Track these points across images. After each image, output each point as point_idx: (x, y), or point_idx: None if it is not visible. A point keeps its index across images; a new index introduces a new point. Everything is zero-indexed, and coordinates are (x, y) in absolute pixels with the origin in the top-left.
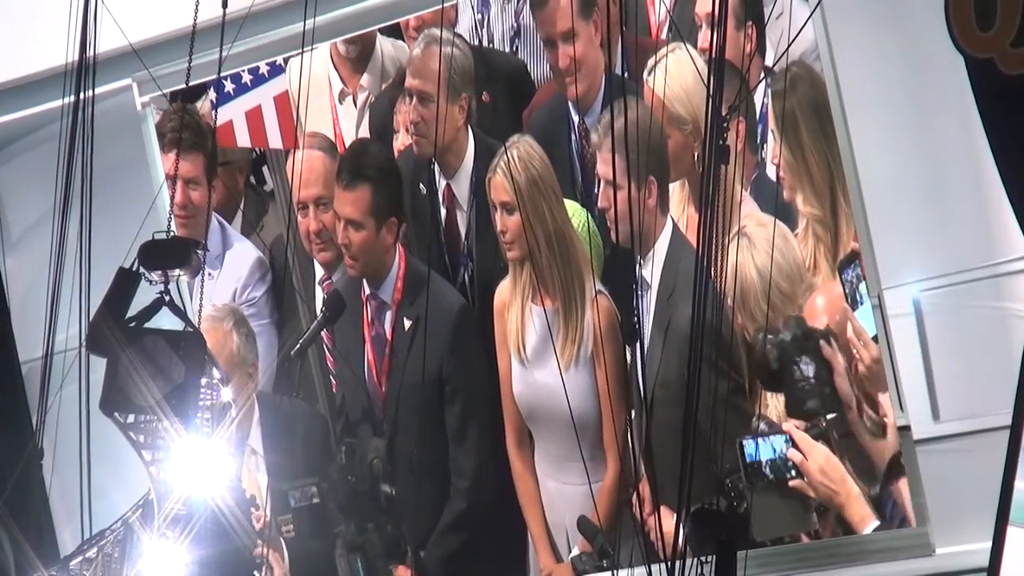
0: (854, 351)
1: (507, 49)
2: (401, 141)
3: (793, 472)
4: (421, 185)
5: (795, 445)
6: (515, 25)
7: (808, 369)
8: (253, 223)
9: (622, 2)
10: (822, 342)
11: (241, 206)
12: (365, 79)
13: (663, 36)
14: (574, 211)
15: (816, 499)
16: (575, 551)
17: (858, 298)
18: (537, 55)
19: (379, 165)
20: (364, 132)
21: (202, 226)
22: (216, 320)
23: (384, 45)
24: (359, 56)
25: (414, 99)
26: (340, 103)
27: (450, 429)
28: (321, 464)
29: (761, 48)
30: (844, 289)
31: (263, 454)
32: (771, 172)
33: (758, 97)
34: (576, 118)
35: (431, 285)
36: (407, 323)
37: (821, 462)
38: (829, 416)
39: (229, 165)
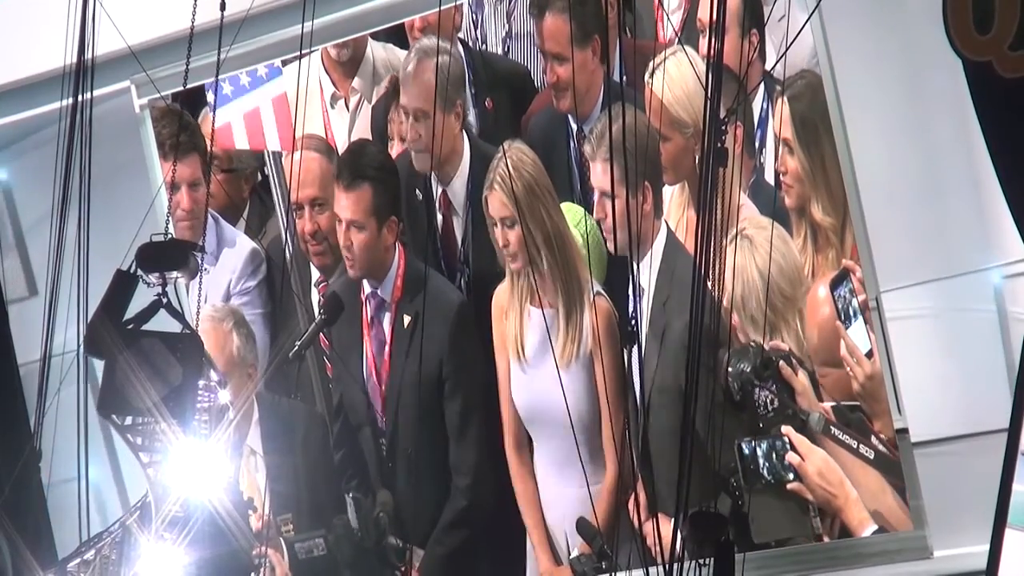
0: (848, 369)
1: (500, 51)
2: (396, 150)
3: (791, 475)
4: (417, 191)
5: (793, 448)
6: (507, 27)
7: (769, 395)
8: (256, 230)
9: (620, 7)
10: (782, 363)
11: (244, 214)
12: (357, 82)
13: (667, 40)
14: (575, 216)
15: (814, 502)
16: (574, 553)
17: (851, 314)
18: (529, 58)
19: (379, 164)
20: (356, 135)
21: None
22: (216, 320)
23: (375, 48)
24: (350, 60)
25: (410, 117)
26: (332, 107)
27: (450, 426)
28: (318, 466)
29: (763, 54)
30: (836, 305)
31: (262, 455)
32: (769, 176)
33: (757, 102)
34: (574, 126)
35: (430, 283)
36: (406, 320)
37: (819, 465)
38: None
39: (235, 172)
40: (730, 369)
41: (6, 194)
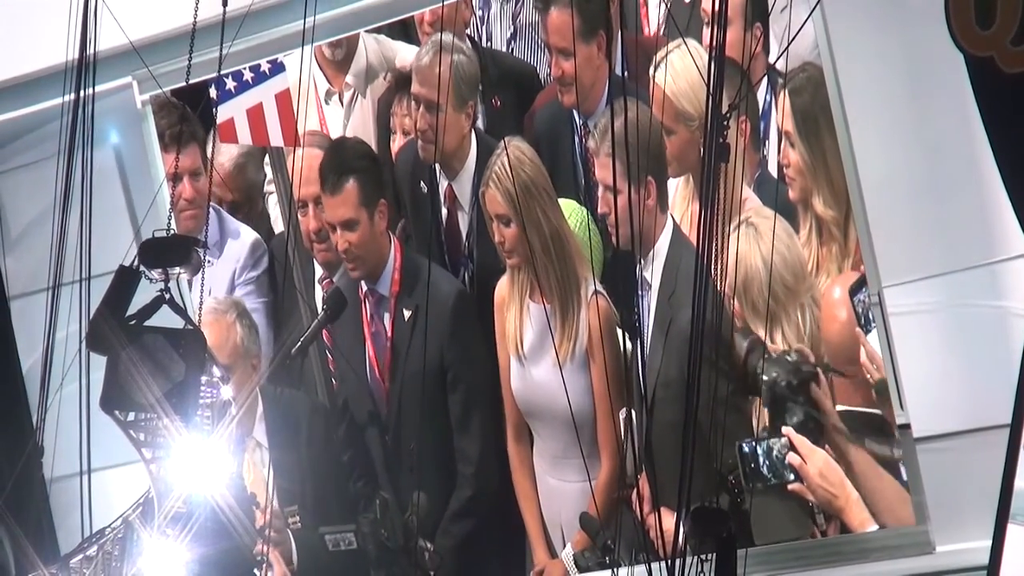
0: (868, 375)
1: (504, 50)
2: (398, 144)
3: (792, 476)
4: (422, 184)
5: (794, 449)
6: (512, 27)
7: (797, 414)
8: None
9: (620, 3)
10: (812, 385)
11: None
12: (351, 77)
13: (662, 35)
14: (572, 210)
15: (815, 503)
16: (569, 548)
17: (871, 319)
18: (534, 58)
19: (357, 154)
20: (352, 129)
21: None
22: (219, 312)
23: (368, 41)
24: (344, 58)
25: (421, 107)
26: (327, 103)
27: (454, 416)
28: (323, 456)
29: (767, 47)
30: (856, 311)
31: (268, 449)
32: (773, 169)
33: (761, 94)
34: (579, 120)
35: (427, 274)
36: (406, 314)
37: (820, 466)
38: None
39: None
40: (764, 377)
41: (118, 158)
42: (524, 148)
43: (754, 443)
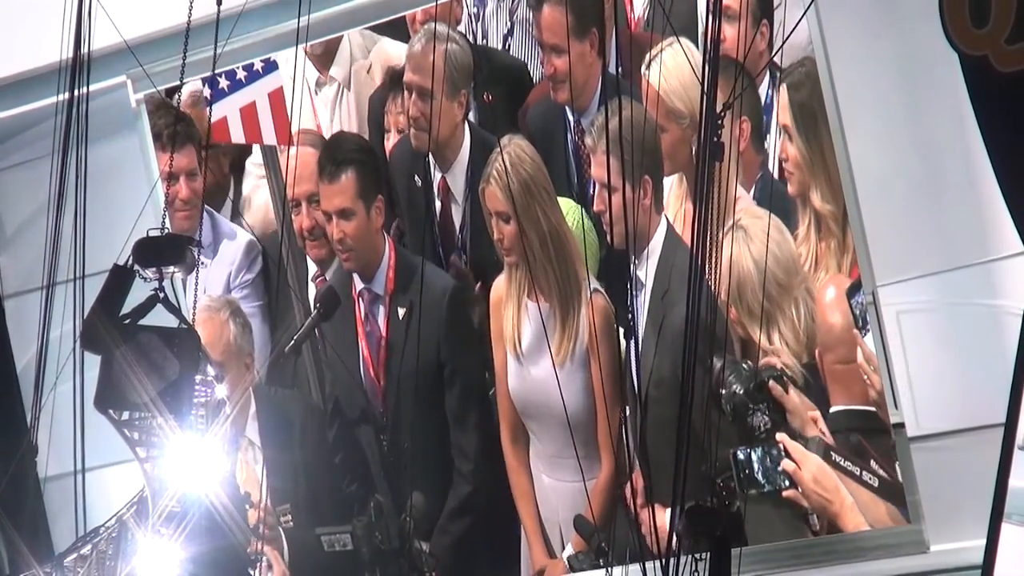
0: (865, 377)
1: (499, 47)
2: (392, 141)
3: (787, 482)
4: (416, 177)
5: (788, 455)
6: (509, 24)
7: (762, 418)
8: (240, 207)
9: (616, 2)
10: (772, 383)
11: (230, 194)
12: (334, 70)
13: (645, 29)
14: (568, 208)
15: (810, 508)
16: (568, 550)
17: (868, 321)
18: (529, 55)
19: (357, 147)
20: (340, 122)
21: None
22: (213, 311)
23: (352, 35)
24: (324, 52)
25: (414, 94)
26: (316, 93)
27: (451, 412)
28: (316, 455)
29: (771, 45)
30: (853, 312)
31: (260, 448)
32: (772, 166)
33: (763, 90)
34: (572, 117)
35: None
36: (401, 312)
37: (814, 471)
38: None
39: (214, 148)
40: (723, 391)
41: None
42: (524, 146)
43: (748, 450)
